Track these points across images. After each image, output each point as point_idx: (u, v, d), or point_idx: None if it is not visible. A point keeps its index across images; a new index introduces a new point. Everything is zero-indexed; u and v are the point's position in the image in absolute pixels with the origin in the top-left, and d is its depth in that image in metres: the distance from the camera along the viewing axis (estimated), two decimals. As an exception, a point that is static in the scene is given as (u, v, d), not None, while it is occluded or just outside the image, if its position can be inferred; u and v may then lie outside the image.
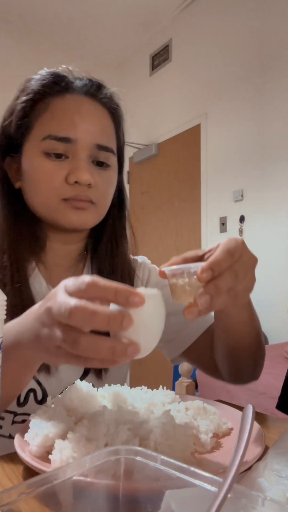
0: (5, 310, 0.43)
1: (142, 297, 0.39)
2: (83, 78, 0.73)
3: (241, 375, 0.74)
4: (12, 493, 0.26)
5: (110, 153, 0.72)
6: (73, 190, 0.68)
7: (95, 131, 0.70)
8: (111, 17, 3.57)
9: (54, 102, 0.69)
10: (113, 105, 0.75)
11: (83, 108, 0.70)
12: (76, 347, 0.38)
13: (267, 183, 2.81)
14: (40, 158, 0.68)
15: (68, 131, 0.67)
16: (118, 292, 0.39)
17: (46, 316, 0.43)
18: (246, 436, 0.32)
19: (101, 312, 0.37)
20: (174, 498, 0.28)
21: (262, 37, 2.88)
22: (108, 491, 0.31)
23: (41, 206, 0.70)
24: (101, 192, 0.71)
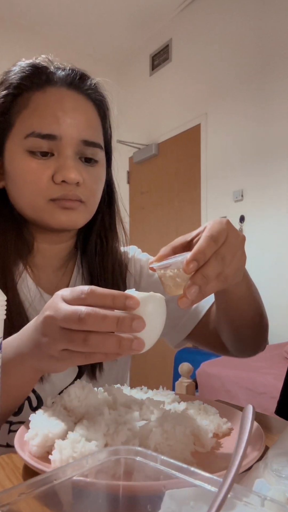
0: (5, 310, 0.43)
1: (137, 300, 0.42)
2: (65, 68, 0.69)
3: (247, 348, 0.73)
4: (12, 493, 0.26)
5: (98, 148, 0.68)
6: (60, 190, 0.64)
7: (81, 126, 0.66)
8: (111, 17, 3.57)
9: (35, 97, 0.65)
10: (98, 96, 0.71)
11: (66, 102, 0.65)
12: (86, 344, 0.41)
13: (267, 183, 2.81)
14: (24, 157, 0.64)
15: (52, 127, 0.63)
16: (115, 298, 0.42)
17: (46, 326, 0.45)
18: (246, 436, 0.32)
19: (111, 315, 0.41)
20: (174, 498, 0.27)
21: (262, 37, 2.88)
22: (108, 491, 0.31)
23: (27, 207, 0.67)
24: (90, 190, 0.68)
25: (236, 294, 0.60)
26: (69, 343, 0.42)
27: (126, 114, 4.17)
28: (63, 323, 0.42)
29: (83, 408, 0.51)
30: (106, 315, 0.41)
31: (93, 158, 0.68)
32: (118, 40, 3.93)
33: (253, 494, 0.25)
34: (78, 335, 0.41)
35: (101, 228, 0.76)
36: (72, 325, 0.42)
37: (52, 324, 0.44)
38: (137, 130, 4.04)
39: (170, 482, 0.29)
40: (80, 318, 0.41)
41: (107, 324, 0.41)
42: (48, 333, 0.45)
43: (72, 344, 0.42)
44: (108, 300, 0.42)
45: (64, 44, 3.76)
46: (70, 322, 0.42)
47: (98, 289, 0.43)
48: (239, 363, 2.06)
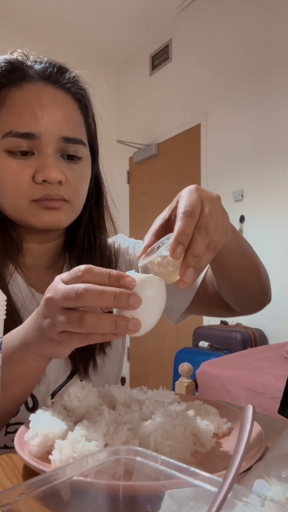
0: (5, 310, 0.43)
1: (133, 278, 0.43)
2: (42, 62, 0.66)
3: (251, 302, 0.73)
4: (12, 493, 0.26)
5: (80, 144, 0.66)
6: (42, 190, 0.62)
7: (60, 122, 0.63)
8: (111, 17, 3.57)
9: (12, 94, 0.62)
10: (78, 89, 0.68)
11: (44, 98, 0.63)
12: (82, 323, 0.41)
13: (267, 183, 2.81)
14: (3, 157, 0.62)
15: (30, 125, 0.61)
16: (112, 276, 0.43)
17: (47, 307, 0.45)
18: (246, 436, 0.32)
19: (108, 290, 0.41)
20: (174, 498, 0.27)
21: (262, 37, 2.89)
22: (108, 491, 0.31)
23: (9, 208, 0.65)
24: (74, 188, 0.66)
25: (227, 251, 0.59)
26: (66, 324, 0.43)
27: (126, 114, 4.17)
28: (62, 302, 0.43)
29: (83, 408, 0.51)
30: (104, 290, 0.41)
31: (76, 155, 0.66)
32: (118, 40, 3.93)
33: (253, 494, 0.25)
34: (74, 315, 0.42)
35: (89, 224, 0.74)
36: (71, 302, 0.42)
37: (51, 305, 0.44)
38: (137, 130, 4.04)
39: (170, 482, 0.29)
40: (78, 293, 0.41)
41: (104, 299, 0.41)
42: (49, 314, 0.45)
43: (70, 324, 0.42)
44: (105, 277, 0.43)
45: (64, 44, 3.77)
46: (68, 299, 0.42)
47: (95, 267, 0.43)
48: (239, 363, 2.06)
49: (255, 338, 2.64)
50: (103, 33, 3.78)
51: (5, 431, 0.65)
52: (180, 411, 0.52)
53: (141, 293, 0.42)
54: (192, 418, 0.50)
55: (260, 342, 2.66)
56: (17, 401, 0.55)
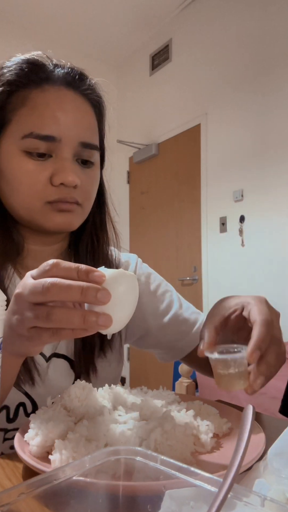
0: (5, 310, 0.43)
1: (102, 273, 0.41)
2: (64, 66, 0.66)
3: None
4: (12, 493, 0.26)
5: (95, 150, 0.67)
6: (58, 193, 0.63)
7: (80, 128, 0.64)
8: (111, 17, 3.57)
9: (33, 95, 0.62)
10: (96, 97, 0.69)
11: (65, 102, 0.63)
12: (50, 318, 0.41)
13: (267, 183, 2.81)
14: (20, 157, 0.62)
15: (52, 128, 0.61)
16: (80, 271, 0.42)
17: (16, 303, 0.45)
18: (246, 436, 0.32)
19: (75, 284, 0.40)
20: (174, 498, 0.27)
21: (262, 37, 2.88)
22: (108, 491, 0.31)
23: (22, 209, 0.65)
24: (86, 192, 0.67)
25: None
26: (35, 319, 0.42)
27: (126, 114, 4.17)
28: (30, 297, 0.42)
29: (83, 408, 0.51)
30: (70, 284, 0.40)
31: (90, 160, 0.67)
32: (118, 40, 3.93)
33: (253, 494, 0.25)
34: (42, 310, 0.41)
35: (92, 228, 0.75)
36: (38, 297, 0.41)
37: (20, 301, 0.44)
38: (137, 130, 4.04)
39: (170, 482, 0.29)
40: (44, 287, 0.40)
41: (71, 293, 0.40)
42: (18, 310, 0.44)
43: (37, 320, 0.42)
44: (73, 272, 0.42)
45: (64, 44, 3.77)
46: (35, 294, 0.41)
47: (63, 261, 0.43)
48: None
49: (255, 338, 2.64)
50: (103, 33, 3.78)
51: (3, 438, 0.64)
52: (180, 411, 0.52)
53: (112, 288, 0.41)
54: (192, 418, 0.50)
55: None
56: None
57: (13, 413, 0.64)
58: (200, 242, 3.35)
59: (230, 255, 3.07)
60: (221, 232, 3.14)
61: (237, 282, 3.00)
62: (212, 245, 3.24)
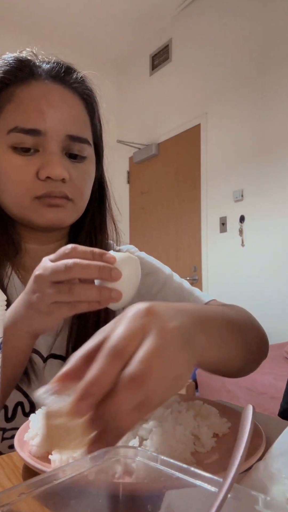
0: (5, 310, 0.43)
1: (113, 256, 0.48)
2: (50, 61, 0.66)
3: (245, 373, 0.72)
4: (12, 493, 0.26)
5: (85, 144, 0.66)
6: (45, 187, 0.62)
7: (66, 120, 0.63)
8: (111, 17, 3.57)
9: (19, 91, 0.63)
10: (85, 90, 0.68)
11: (51, 96, 0.63)
12: (72, 292, 0.46)
13: (267, 183, 2.81)
14: (7, 153, 0.62)
15: (36, 122, 0.61)
16: (95, 254, 0.48)
17: (36, 283, 0.49)
18: (246, 436, 0.32)
19: (94, 264, 0.46)
20: (174, 498, 0.27)
21: (263, 37, 2.89)
22: (108, 491, 0.31)
23: (12, 205, 0.64)
24: (78, 187, 0.66)
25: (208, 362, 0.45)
26: (57, 295, 0.47)
27: (126, 114, 4.17)
28: (52, 277, 0.47)
29: (83, 408, 0.51)
30: (90, 263, 0.46)
31: (80, 154, 0.66)
32: (118, 40, 3.94)
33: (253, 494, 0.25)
34: (64, 286, 0.47)
35: (91, 227, 0.74)
36: (60, 275, 0.46)
37: (41, 281, 0.48)
38: (137, 130, 4.04)
39: (170, 482, 0.29)
40: (67, 266, 0.46)
41: (90, 271, 0.46)
42: (38, 289, 0.48)
43: (59, 295, 0.47)
44: (88, 255, 0.47)
45: (64, 44, 3.76)
46: (58, 273, 0.46)
47: (80, 246, 0.48)
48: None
49: (255, 338, 2.64)
50: (103, 33, 3.78)
51: (1, 437, 0.64)
52: (180, 411, 0.52)
53: (120, 269, 0.48)
54: (192, 418, 0.50)
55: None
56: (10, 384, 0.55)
57: (11, 412, 0.64)
58: (200, 242, 3.35)
59: (230, 255, 3.07)
60: (221, 232, 3.14)
61: (237, 282, 3.00)
62: (212, 245, 3.24)
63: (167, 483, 0.29)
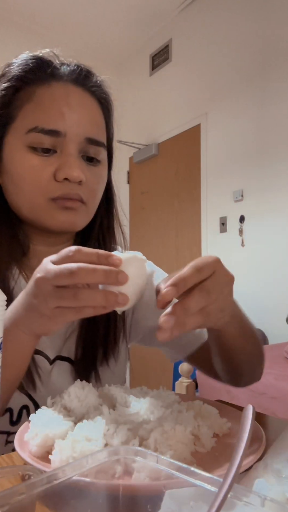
0: (5, 310, 0.43)
1: (119, 258, 0.46)
2: (70, 64, 0.66)
3: (241, 381, 0.72)
4: (12, 493, 0.26)
5: (101, 147, 0.66)
6: (62, 188, 0.62)
7: (86, 123, 0.63)
8: (111, 17, 3.57)
9: (39, 91, 0.62)
10: (103, 94, 0.69)
11: (72, 98, 0.63)
12: (76, 298, 0.44)
13: (267, 183, 2.81)
14: (24, 153, 0.61)
15: (57, 123, 0.61)
16: (100, 256, 0.45)
17: (38, 286, 0.47)
18: (246, 436, 0.32)
19: (99, 268, 0.44)
20: (174, 498, 0.27)
21: (263, 37, 2.88)
22: (108, 491, 0.31)
23: (25, 206, 0.64)
24: (92, 190, 0.65)
25: (226, 337, 0.56)
26: (60, 300, 0.45)
27: (126, 114, 4.17)
28: (55, 281, 0.45)
29: (83, 408, 0.51)
30: (96, 268, 0.44)
31: (96, 157, 0.66)
32: (118, 40, 3.93)
33: (253, 494, 0.25)
34: (68, 291, 0.44)
35: (99, 232, 0.74)
36: (64, 280, 0.44)
37: (44, 284, 0.46)
38: (137, 130, 4.04)
39: (170, 482, 0.29)
40: (72, 271, 0.43)
41: (96, 276, 0.43)
42: (40, 293, 0.46)
43: (63, 300, 0.45)
44: (93, 257, 0.45)
45: (64, 44, 3.73)
46: (62, 277, 0.44)
47: (84, 247, 0.46)
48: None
49: (255, 338, 2.64)
50: (103, 33, 3.78)
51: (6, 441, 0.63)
52: (180, 411, 0.52)
53: (126, 270, 0.46)
54: (192, 418, 0.50)
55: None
56: (12, 386, 0.55)
57: (16, 415, 0.63)
58: (200, 242, 3.35)
59: (230, 255, 3.07)
60: (221, 232, 3.14)
61: (237, 282, 2.98)
62: (212, 245, 3.24)
63: (167, 483, 0.29)
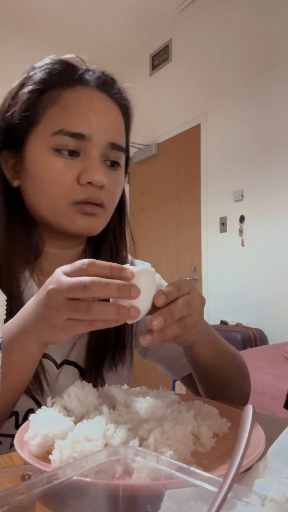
0: (5, 310, 0.43)
1: (132, 271, 0.47)
2: (95, 70, 0.68)
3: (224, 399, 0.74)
4: (12, 493, 0.26)
5: (122, 152, 0.67)
6: (84, 192, 0.62)
7: (109, 128, 0.65)
8: (111, 17, 3.57)
9: (65, 95, 0.63)
10: (124, 101, 0.71)
11: (96, 103, 0.64)
12: (89, 312, 0.44)
13: (267, 183, 2.81)
14: (48, 155, 0.62)
15: (82, 126, 0.61)
16: (113, 269, 0.46)
17: (51, 298, 0.47)
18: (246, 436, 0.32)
19: (113, 282, 0.45)
20: (174, 498, 0.27)
21: (263, 36, 2.88)
22: (108, 491, 0.31)
23: (46, 209, 0.64)
24: (112, 195, 0.66)
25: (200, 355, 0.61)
26: (73, 313, 0.45)
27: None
28: (68, 293, 0.45)
29: (83, 408, 0.51)
30: (109, 282, 0.44)
31: (117, 161, 0.67)
32: (118, 40, 3.93)
33: (253, 494, 0.25)
34: (81, 304, 0.45)
35: (112, 236, 0.75)
36: (77, 294, 0.44)
37: (56, 296, 0.46)
38: (137, 130, 4.03)
39: (170, 482, 0.29)
40: (85, 285, 0.44)
41: (109, 290, 0.44)
42: (53, 305, 0.47)
43: (76, 313, 0.45)
44: (107, 270, 0.46)
45: (64, 44, 3.76)
46: (75, 291, 0.44)
47: (97, 261, 0.46)
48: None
49: (255, 338, 2.64)
50: (103, 33, 3.78)
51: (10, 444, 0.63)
52: (180, 411, 0.52)
53: (137, 282, 0.47)
54: (192, 418, 0.50)
55: (260, 342, 2.66)
56: (17, 391, 0.55)
57: (22, 419, 0.64)
58: (200, 242, 3.35)
59: (230, 255, 3.07)
60: (221, 232, 3.14)
61: (237, 282, 3.00)
62: (212, 245, 3.24)
63: (167, 483, 0.29)
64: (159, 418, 0.48)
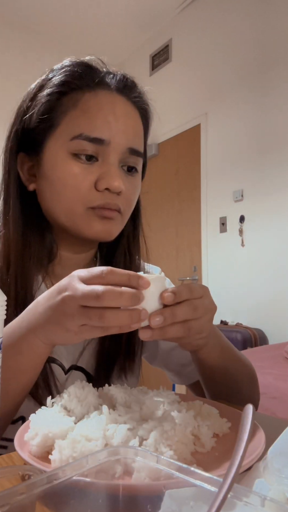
0: (5, 310, 0.43)
1: (148, 281, 0.48)
2: (116, 73, 0.67)
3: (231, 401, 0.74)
4: (12, 493, 0.26)
5: (140, 157, 0.67)
6: (102, 198, 0.62)
7: (129, 133, 0.64)
8: (111, 17, 3.57)
9: (86, 98, 0.62)
10: (143, 105, 0.70)
11: (117, 107, 0.63)
12: (102, 320, 0.45)
13: (267, 183, 2.81)
14: (67, 160, 0.61)
15: (102, 131, 0.61)
16: (131, 278, 0.46)
17: (65, 304, 0.47)
18: (246, 436, 0.32)
19: (126, 292, 0.45)
20: (174, 498, 0.27)
21: (263, 36, 2.88)
22: (108, 491, 0.31)
23: (63, 213, 0.63)
24: (129, 200, 0.66)
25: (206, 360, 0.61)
26: (87, 320, 0.46)
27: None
28: (82, 301, 0.45)
29: (83, 408, 0.51)
30: (122, 292, 0.45)
31: (135, 167, 0.66)
32: (118, 40, 3.93)
33: (253, 494, 0.25)
34: (94, 312, 0.45)
35: (126, 241, 0.75)
36: (91, 302, 0.45)
37: (71, 303, 0.46)
38: (137, 130, 4.04)
39: (170, 482, 0.29)
40: (98, 295, 0.44)
41: (122, 299, 0.45)
42: (68, 311, 0.47)
43: (90, 320, 0.46)
44: (125, 278, 0.46)
45: (64, 44, 3.77)
46: (89, 299, 0.45)
47: (116, 269, 0.47)
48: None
49: (255, 338, 2.64)
50: (103, 33, 3.78)
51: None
52: (180, 411, 0.52)
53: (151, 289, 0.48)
54: (192, 418, 0.50)
55: (260, 342, 2.66)
56: (24, 391, 0.56)
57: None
58: (200, 242, 3.35)
59: (230, 255, 3.07)
60: (221, 232, 3.14)
61: (237, 282, 3.00)
62: (212, 245, 3.24)
63: (167, 483, 0.29)
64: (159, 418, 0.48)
